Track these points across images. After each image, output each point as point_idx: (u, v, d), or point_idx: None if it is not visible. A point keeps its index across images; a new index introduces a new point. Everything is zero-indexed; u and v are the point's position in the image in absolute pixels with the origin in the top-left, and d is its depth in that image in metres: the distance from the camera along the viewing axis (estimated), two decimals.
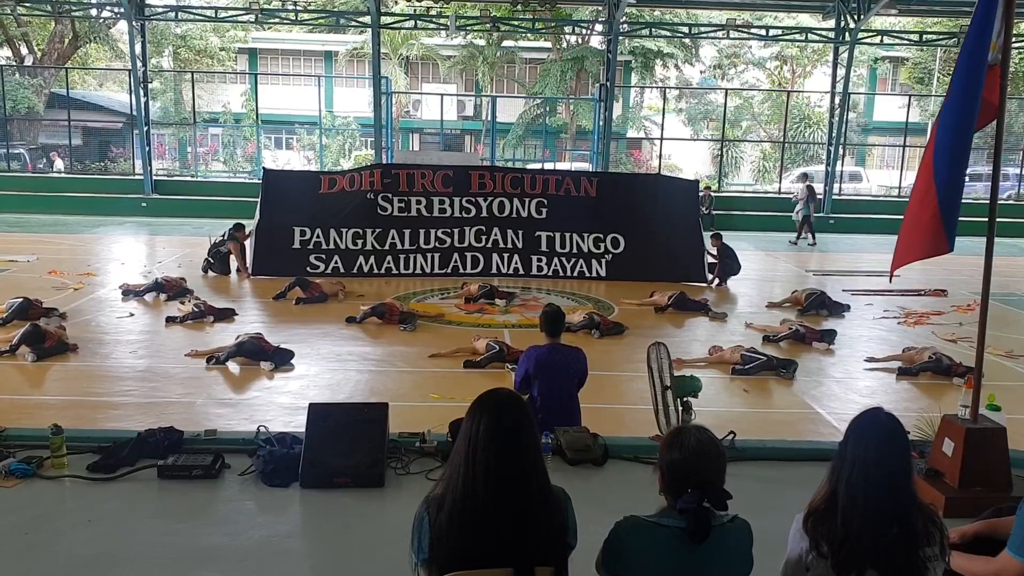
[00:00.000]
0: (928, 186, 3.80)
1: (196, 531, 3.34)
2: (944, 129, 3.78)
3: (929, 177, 3.80)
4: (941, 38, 28.27)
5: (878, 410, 2.51)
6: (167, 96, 35.61)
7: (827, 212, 25.94)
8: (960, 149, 3.75)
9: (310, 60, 40.11)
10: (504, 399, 2.39)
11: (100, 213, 22.97)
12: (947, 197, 3.76)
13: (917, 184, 3.94)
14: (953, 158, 3.75)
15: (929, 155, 3.83)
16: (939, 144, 3.78)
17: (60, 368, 8.91)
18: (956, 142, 3.74)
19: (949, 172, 3.75)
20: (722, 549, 2.32)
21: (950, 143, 3.76)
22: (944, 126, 3.79)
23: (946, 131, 3.77)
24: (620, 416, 7.61)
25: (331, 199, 14.99)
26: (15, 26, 30.56)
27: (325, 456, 3.76)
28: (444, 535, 2.25)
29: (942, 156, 3.77)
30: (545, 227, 15.14)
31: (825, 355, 10.16)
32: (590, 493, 3.45)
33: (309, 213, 14.75)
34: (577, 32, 31.85)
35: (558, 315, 5.67)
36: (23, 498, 3.52)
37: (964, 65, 3.74)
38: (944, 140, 3.77)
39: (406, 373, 9.21)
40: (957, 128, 3.74)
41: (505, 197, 15.18)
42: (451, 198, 15.11)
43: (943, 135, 3.78)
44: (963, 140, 3.75)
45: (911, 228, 3.95)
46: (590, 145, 29.91)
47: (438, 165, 16.21)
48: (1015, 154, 29.76)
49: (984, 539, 3.04)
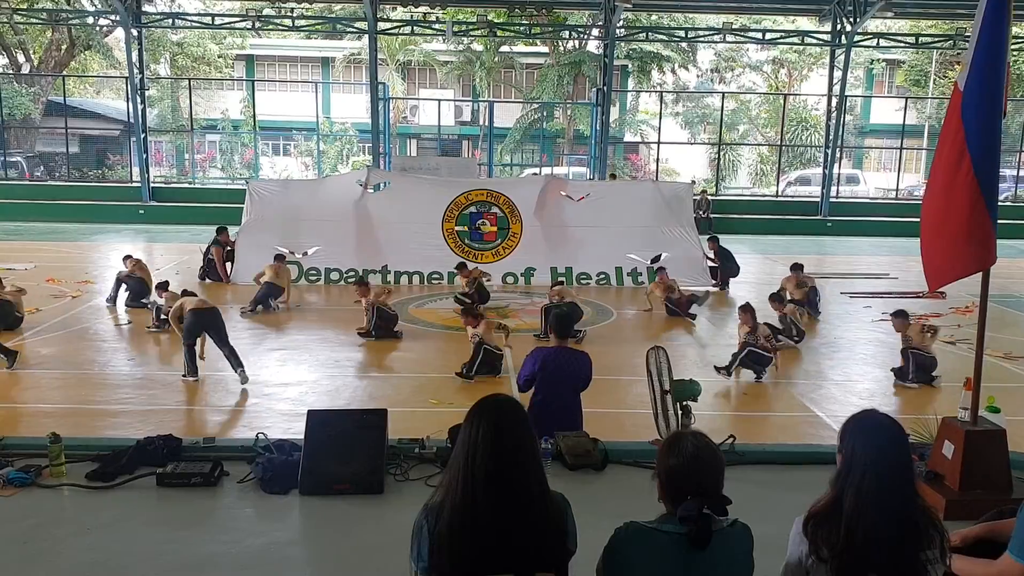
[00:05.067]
0: (975, 195, 3.66)
1: (195, 539, 3.33)
2: (976, 133, 3.66)
3: (973, 184, 3.66)
4: (937, 40, 28.34)
5: (875, 412, 2.50)
6: (164, 103, 35.58)
7: (825, 215, 25.99)
8: (995, 152, 3.71)
9: (307, 66, 40.12)
10: (503, 405, 2.38)
11: (98, 221, 22.97)
12: (994, 207, 3.67)
13: (957, 192, 3.74)
14: (993, 165, 3.68)
15: (963, 162, 3.68)
16: (974, 149, 3.66)
17: (58, 376, 8.90)
18: (990, 145, 3.67)
19: (992, 180, 3.67)
20: (723, 554, 2.32)
21: (986, 149, 3.66)
22: (974, 130, 3.67)
23: (980, 135, 3.66)
24: (620, 420, 7.61)
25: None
26: (12, 34, 30.55)
27: (324, 463, 3.75)
28: (444, 543, 2.24)
29: (983, 164, 3.66)
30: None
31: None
32: (590, 498, 3.45)
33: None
34: (574, 37, 31.87)
35: (568, 317, 5.65)
36: (22, 507, 3.51)
37: (982, 64, 3.66)
38: (980, 145, 3.65)
39: (405, 379, 9.21)
40: (988, 130, 3.66)
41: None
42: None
43: (977, 140, 3.66)
44: (995, 142, 3.69)
45: (959, 240, 3.78)
46: (588, 149, 29.93)
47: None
48: (1012, 155, 29.81)
49: (985, 542, 3.03)
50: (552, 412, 5.24)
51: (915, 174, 37.50)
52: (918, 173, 37.62)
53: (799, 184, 33.45)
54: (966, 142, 3.69)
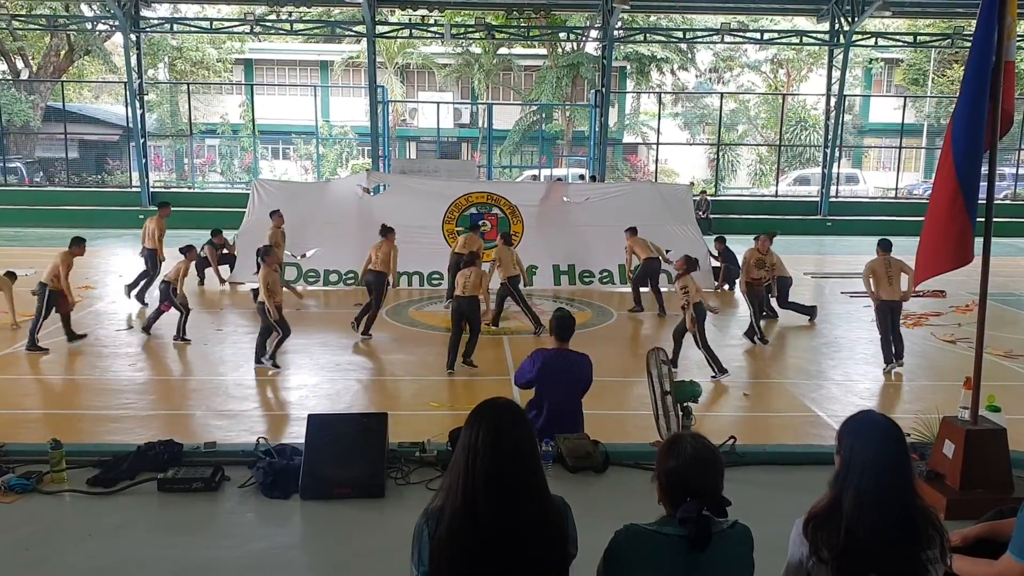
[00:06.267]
0: (954, 195, 3.72)
1: (197, 544, 3.33)
2: (961, 135, 3.71)
3: (954, 186, 3.72)
4: (935, 39, 28.38)
5: (872, 412, 2.50)
6: (163, 108, 35.61)
7: (824, 215, 25.99)
8: (978, 155, 3.73)
9: (306, 70, 40.15)
10: (503, 408, 2.38)
11: (97, 226, 22.96)
12: (973, 205, 3.70)
13: (938, 193, 3.84)
14: (974, 165, 3.70)
15: (949, 162, 3.75)
16: (957, 151, 3.71)
17: (59, 382, 8.90)
18: (974, 148, 3.69)
19: (972, 179, 3.70)
20: (723, 556, 2.32)
21: (969, 149, 3.69)
22: (960, 131, 3.71)
23: (964, 136, 3.70)
24: (621, 422, 7.61)
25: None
26: (11, 40, 30.61)
27: (325, 467, 3.75)
28: (444, 547, 2.24)
29: (963, 163, 3.70)
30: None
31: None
32: (591, 500, 3.45)
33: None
34: (572, 39, 31.91)
35: (569, 319, 5.65)
36: (23, 513, 3.51)
37: (974, 67, 3.69)
38: (962, 146, 3.70)
39: (405, 382, 9.21)
40: (973, 133, 3.68)
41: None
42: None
43: (960, 141, 3.70)
44: (979, 146, 3.71)
45: (939, 239, 3.86)
46: (587, 151, 29.95)
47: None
48: (1011, 154, 29.83)
49: (986, 542, 3.03)
50: (552, 414, 5.24)
51: (914, 173, 37.53)
52: (917, 172, 37.65)
53: (798, 184, 33.48)
54: (951, 140, 3.75)
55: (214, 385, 8.75)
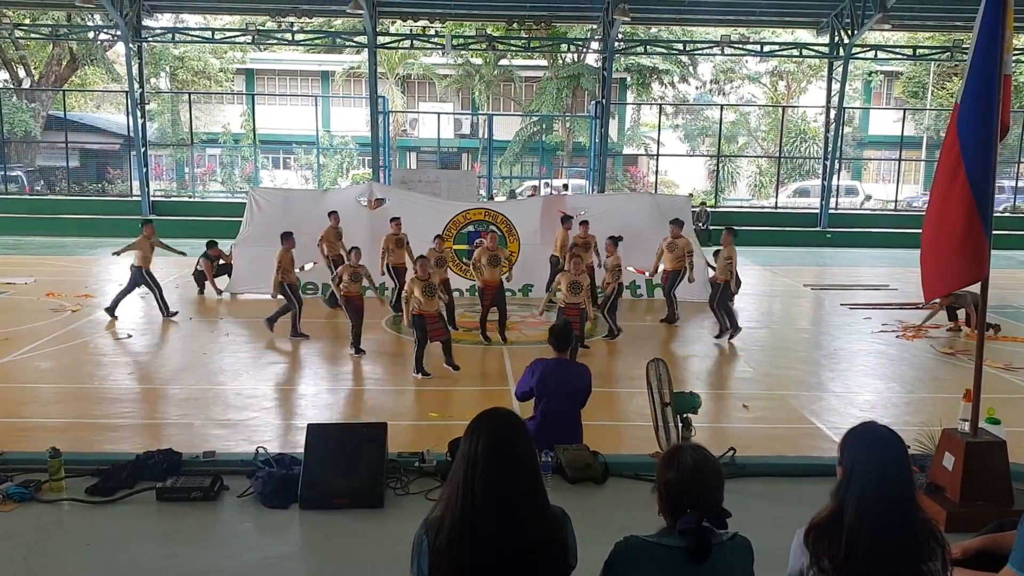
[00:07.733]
0: (969, 209, 3.67)
1: (195, 553, 3.32)
2: (971, 148, 3.67)
3: (968, 199, 3.68)
4: (934, 52, 28.48)
5: (875, 424, 2.50)
6: (165, 117, 35.69)
7: (824, 227, 26.02)
8: (992, 167, 3.69)
9: (307, 80, 40.28)
10: (502, 418, 2.38)
11: (98, 235, 22.96)
12: (989, 220, 3.68)
13: (952, 206, 3.76)
14: (988, 175, 3.68)
15: (959, 175, 3.70)
16: (969, 163, 3.67)
17: (58, 390, 8.89)
18: (985, 160, 3.66)
19: (987, 194, 3.67)
20: (723, 567, 2.31)
21: (981, 161, 3.66)
22: (969, 144, 3.68)
23: (975, 149, 3.66)
24: (620, 433, 7.60)
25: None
26: (13, 49, 30.70)
27: (324, 477, 3.74)
28: (444, 558, 2.23)
29: (978, 178, 3.66)
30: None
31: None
32: (590, 512, 3.44)
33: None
34: (573, 50, 32.01)
35: (567, 330, 5.64)
36: (21, 522, 3.50)
37: (977, 78, 3.67)
38: (975, 159, 3.66)
39: (404, 391, 9.19)
40: (983, 145, 3.66)
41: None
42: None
43: (972, 154, 3.66)
44: (990, 157, 3.68)
45: (952, 254, 3.79)
46: (587, 162, 30.00)
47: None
48: (1011, 167, 29.90)
49: (986, 554, 3.02)
50: (552, 425, 5.23)
51: (914, 185, 37.60)
52: (917, 184, 37.72)
53: (798, 195, 33.54)
54: (962, 156, 3.71)
55: (213, 394, 8.74)
